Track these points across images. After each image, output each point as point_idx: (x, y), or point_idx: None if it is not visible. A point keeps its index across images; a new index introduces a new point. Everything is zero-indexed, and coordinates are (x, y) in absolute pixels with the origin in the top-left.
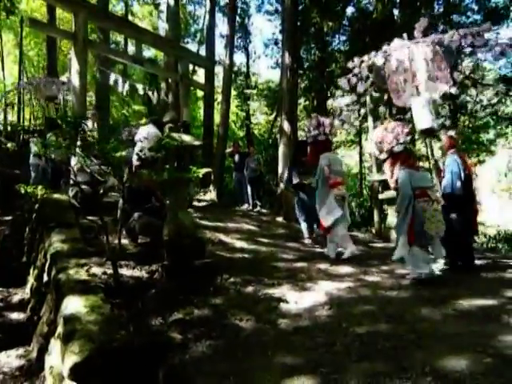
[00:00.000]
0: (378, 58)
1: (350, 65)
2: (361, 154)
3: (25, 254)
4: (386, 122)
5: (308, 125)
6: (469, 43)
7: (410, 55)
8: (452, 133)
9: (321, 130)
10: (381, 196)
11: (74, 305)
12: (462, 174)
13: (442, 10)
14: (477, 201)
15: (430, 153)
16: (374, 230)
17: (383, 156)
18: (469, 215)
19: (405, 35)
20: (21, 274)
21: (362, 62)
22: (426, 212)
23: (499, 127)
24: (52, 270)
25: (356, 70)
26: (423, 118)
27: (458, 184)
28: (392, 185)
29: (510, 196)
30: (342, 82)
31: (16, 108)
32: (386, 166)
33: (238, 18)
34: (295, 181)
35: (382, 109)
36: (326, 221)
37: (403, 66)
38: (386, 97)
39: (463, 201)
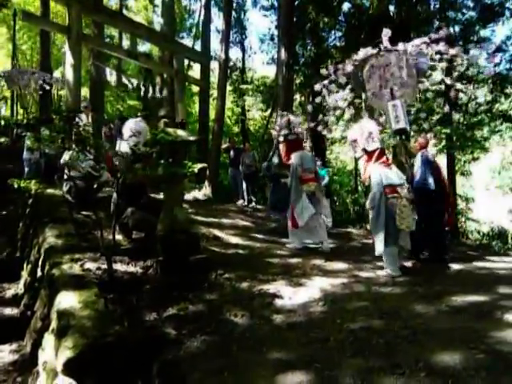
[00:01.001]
0: (348, 66)
1: (323, 72)
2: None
3: (18, 249)
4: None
5: (278, 124)
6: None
7: (382, 62)
8: (427, 135)
9: (291, 129)
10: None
11: (68, 300)
12: (432, 172)
13: (437, 6)
14: (450, 195)
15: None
16: (368, 226)
17: (358, 154)
18: (439, 210)
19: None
20: (14, 269)
21: (337, 69)
22: (395, 208)
23: (493, 124)
24: (46, 265)
25: (332, 77)
26: (397, 120)
27: (429, 181)
28: (365, 182)
29: (503, 193)
30: (317, 87)
31: (9, 102)
32: (360, 163)
33: (233, 12)
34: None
35: None
36: (302, 219)
37: (377, 73)
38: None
39: (433, 196)
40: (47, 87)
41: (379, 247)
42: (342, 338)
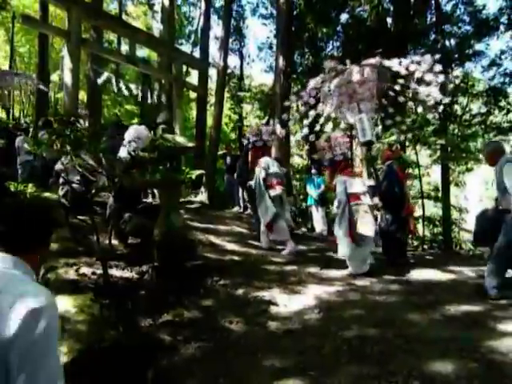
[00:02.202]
0: (314, 82)
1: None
2: (351, 159)
3: None
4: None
5: (248, 132)
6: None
7: (349, 78)
8: (394, 147)
9: (260, 137)
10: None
11: (63, 305)
12: (397, 182)
13: (434, 19)
14: (409, 203)
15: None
16: None
17: (325, 163)
18: (402, 217)
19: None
20: None
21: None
22: (358, 213)
23: (487, 136)
24: (41, 269)
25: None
26: (364, 133)
27: (395, 190)
28: (331, 189)
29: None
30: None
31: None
32: (327, 172)
33: (232, 20)
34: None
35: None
36: (266, 218)
37: (343, 88)
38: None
39: (398, 204)
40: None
41: (342, 250)
42: (337, 346)
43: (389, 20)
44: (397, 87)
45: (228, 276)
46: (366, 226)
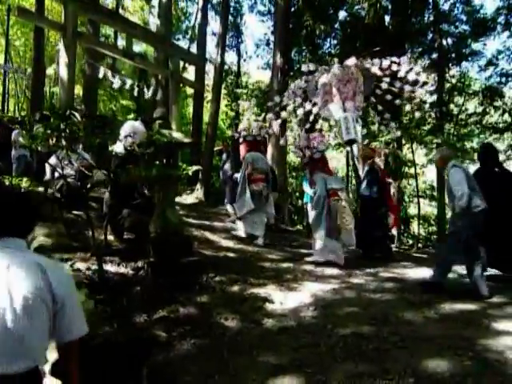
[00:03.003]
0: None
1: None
2: (348, 158)
3: None
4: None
5: (240, 128)
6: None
7: (335, 77)
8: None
9: (250, 132)
10: None
11: None
12: (377, 182)
13: (432, 18)
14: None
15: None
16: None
17: (304, 160)
18: (382, 214)
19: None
20: None
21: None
22: (337, 208)
23: (483, 136)
24: None
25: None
26: (348, 131)
27: (374, 189)
28: (310, 186)
29: None
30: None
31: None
32: (307, 170)
33: (230, 16)
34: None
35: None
36: (241, 212)
37: (326, 88)
38: (374, 100)
39: (377, 203)
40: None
41: (319, 243)
42: (333, 343)
43: (387, 18)
44: (383, 85)
45: (223, 272)
46: (346, 220)
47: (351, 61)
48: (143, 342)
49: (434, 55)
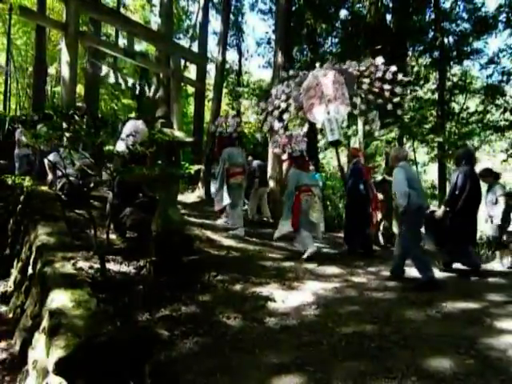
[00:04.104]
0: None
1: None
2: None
3: (8, 246)
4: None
5: (216, 123)
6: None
7: (316, 81)
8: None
9: (226, 128)
10: None
11: (60, 299)
12: (362, 180)
13: (433, 17)
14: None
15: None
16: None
17: (284, 157)
18: (367, 212)
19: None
20: (4, 267)
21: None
22: (308, 203)
23: (484, 135)
24: (37, 263)
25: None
26: (332, 132)
27: (360, 187)
28: (285, 181)
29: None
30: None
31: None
32: (284, 166)
33: (231, 15)
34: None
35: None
36: (218, 205)
37: (311, 91)
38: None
39: (363, 201)
40: None
41: (281, 231)
42: (335, 342)
43: (388, 17)
44: (364, 86)
45: (225, 271)
46: (316, 214)
47: (330, 65)
48: (145, 340)
49: (436, 53)
